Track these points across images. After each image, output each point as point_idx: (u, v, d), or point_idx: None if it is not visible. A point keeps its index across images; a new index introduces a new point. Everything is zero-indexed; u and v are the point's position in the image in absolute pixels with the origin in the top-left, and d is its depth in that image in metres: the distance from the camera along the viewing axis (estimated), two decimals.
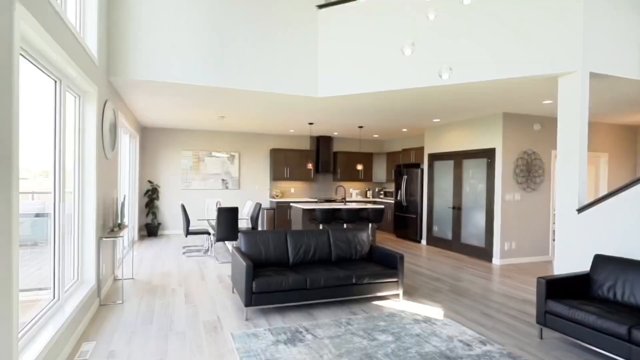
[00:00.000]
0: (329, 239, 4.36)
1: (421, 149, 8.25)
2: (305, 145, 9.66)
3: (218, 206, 6.21)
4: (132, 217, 6.96)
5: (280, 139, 9.45)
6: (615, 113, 6.23)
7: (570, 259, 3.75)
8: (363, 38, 4.66)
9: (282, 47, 4.78)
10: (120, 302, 3.88)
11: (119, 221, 4.37)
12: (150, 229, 7.97)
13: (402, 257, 4.00)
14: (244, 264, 3.43)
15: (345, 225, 6.65)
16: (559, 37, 3.73)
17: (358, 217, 6.61)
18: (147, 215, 8.07)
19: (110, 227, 4.32)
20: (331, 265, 4.10)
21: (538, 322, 3.17)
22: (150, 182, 8.25)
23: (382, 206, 7.03)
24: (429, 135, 7.78)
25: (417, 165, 8.09)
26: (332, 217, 6.41)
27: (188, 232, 6.04)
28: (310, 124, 7.47)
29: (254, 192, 9.19)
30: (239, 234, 4.09)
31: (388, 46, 4.49)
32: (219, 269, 5.36)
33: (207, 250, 6.45)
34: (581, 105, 3.71)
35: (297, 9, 4.87)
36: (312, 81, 4.92)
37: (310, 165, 7.69)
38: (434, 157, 7.63)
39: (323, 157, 9.39)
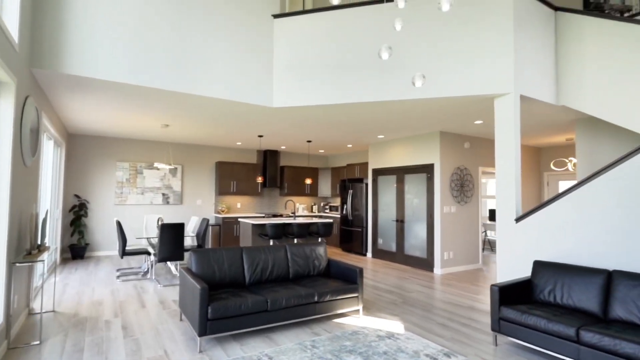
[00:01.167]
0: (286, 254, 4.03)
1: (365, 164, 8.32)
2: (252, 159, 9.21)
3: (160, 223, 5.49)
4: (53, 237, 5.87)
5: (227, 151, 8.87)
6: (527, 135, 6.88)
7: (511, 265, 3.88)
8: (317, 50, 4.52)
9: (238, 54, 4.44)
10: (38, 342, 3.06)
11: (39, 242, 3.56)
12: (76, 251, 6.80)
13: (361, 271, 3.81)
14: (198, 286, 2.95)
15: (295, 240, 6.34)
16: (495, 62, 3.97)
17: (308, 231, 6.36)
18: (73, 234, 6.91)
19: (27, 249, 3.49)
20: (290, 283, 3.76)
21: (493, 330, 3.16)
22: (77, 196, 7.11)
23: (331, 220, 6.87)
24: (373, 151, 7.89)
25: (361, 180, 8.12)
26: (282, 232, 6.06)
27: (124, 253, 5.20)
28: (260, 136, 7.10)
29: (197, 208, 8.42)
30: (190, 253, 3.57)
31: (341, 59, 4.41)
32: (161, 293, 4.63)
33: (147, 272, 5.64)
34: (514, 123, 3.95)
35: (254, 15, 4.60)
36: (267, 90, 4.63)
37: (260, 179, 7.27)
38: (377, 172, 7.71)
39: (270, 171, 9.02)
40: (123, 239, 5.23)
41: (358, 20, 4.40)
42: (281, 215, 8.65)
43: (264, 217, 8.22)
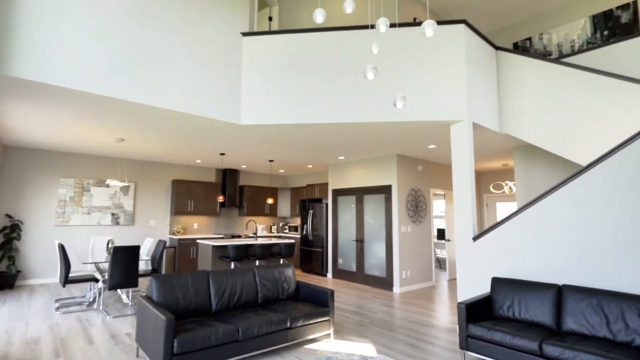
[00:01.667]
0: (254, 278, 3.78)
1: (325, 184, 8.32)
2: (211, 178, 8.76)
3: (111, 245, 4.92)
4: None
5: (185, 169, 8.33)
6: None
7: (471, 282, 4.00)
8: (284, 70, 4.47)
9: (206, 69, 4.24)
10: None
11: None
12: (5, 280, 5.82)
13: (332, 293, 3.69)
14: (162, 317, 2.62)
15: (257, 262, 6.05)
16: (451, 92, 4.21)
17: (270, 252, 6.11)
18: (1, 260, 5.95)
19: None
20: (260, 309, 3.51)
21: (461, 348, 3.19)
22: (9, 216, 6.18)
23: (293, 241, 6.69)
24: (333, 171, 7.92)
25: (321, 200, 8.08)
26: (244, 253, 5.75)
27: (67, 281, 4.55)
28: (222, 154, 6.80)
29: (150, 229, 7.71)
30: (150, 280, 3.20)
31: (309, 81, 4.40)
32: (111, 326, 4.06)
33: (93, 301, 4.97)
34: (469, 148, 4.17)
35: (223, 32, 4.47)
36: (234, 107, 4.46)
37: (221, 198, 6.89)
38: (337, 193, 7.73)
39: (229, 191, 8.64)
40: (66, 265, 4.58)
41: (325, 43, 4.45)
42: (240, 236, 8.27)
43: (222, 238, 7.78)
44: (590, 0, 6.25)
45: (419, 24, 4.33)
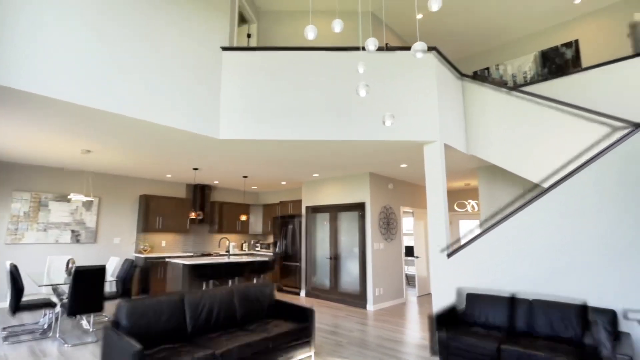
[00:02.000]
0: (232, 297, 3.58)
1: (299, 201, 8.22)
2: (182, 193, 8.36)
3: (72, 265, 4.48)
4: None
5: (154, 184, 7.86)
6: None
7: (445, 296, 4.03)
8: (265, 86, 4.41)
9: (185, 81, 4.07)
10: None
11: None
12: None
13: (312, 312, 3.57)
14: (130, 347, 2.37)
15: (230, 281, 5.77)
16: (425, 114, 4.35)
17: (245, 270, 5.86)
18: None
19: None
20: (239, 329, 3.31)
21: (433, 354, 3.18)
22: None
23: (267, 258, 6.48)
24: (307, 188, 7.86)
25: (295, 218, 7.96)
26: (218, 272, 5.47)
27: (18, 307, 4.04)
28: (196, 169, 6.51)
29: (114, 247, 7.14)
30: (118, 304, 2.91)
31: (289, 97, 4.37)
32: (70, 356, 3.62)
33: (48, 329, 4.45)
34: (441, 167, 4.30)
35: (203, 45, 4.35)
36: (213, 121, 4.30)
37: (194, 215, 6.56)
38: (312, 210, 7.66)
39: (200, 207, 8.28)
40: (17, 289, 4.08)
41: (303, 62, 4.46)
42: (210, 254, 7.89)
43: (192, 256, 7.38)
44: (539, 37, 6.83)
45: (392, 48, 4.51)
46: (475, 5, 6.00)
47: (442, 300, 4.04)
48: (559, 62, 6.69)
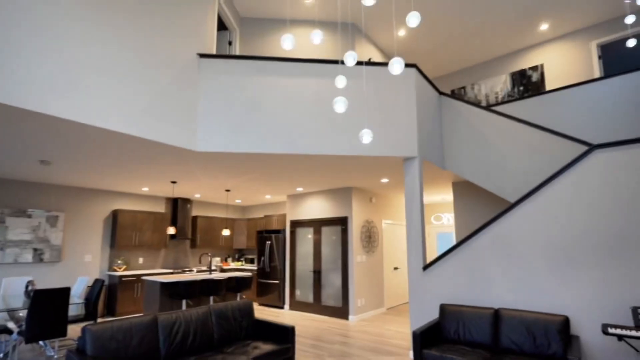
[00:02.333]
0: (210, 317, 3.39)
1: (283, 215, 8.09)
2: (160, 207, 8.04)
3: (31, 288, 4.13)
4: None
5: (129, 198, 7.49)
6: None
7: (422, 308, 3.99)
8: (245, 97, 4.24)
9: (161, 89, 3.77)
10: None
11: None
12: None
13: (293, 330, 3.43)
14: None
15: (212, 299, 5.52)
16: (405, 130, 4.35)
17: (226, 287, 5.64)
18: None
19: None
20: (216, 353, 3.12)
21: None
22: None
23: (250, 274, 6.28)
24: (291, 203, 7.75)
25: (279, 232, 7.81)
26: (198, 290, 5.22)
27: None
28: (173, 182, 6.27)
29: (84, 265, 6.66)
30: (83, 330, 2.69)
31: (268, 109, 4.24)
32: None
33: (5, 358, 4.07)
34: (419, 183, 4.30)
35: (180, 51, 4.06)
36: (191, 132, 4.06)
37: (172, 230, 6.29)
38: (295, 224, 7.54)
39: (180, 222, 7.98)
40: None
41: (286, 74, 4.34)
42: (191, 271, 7.58)
43: (172, 273, 7.06)
44: (509, 61, 7.14)
45: (373, 63, 4.54)
46: (452, 26, 6.21)
47: (420, 312, 3.99)
48: (527, 83, 6.99)
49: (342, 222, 6.67)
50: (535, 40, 6.73)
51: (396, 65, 2.18)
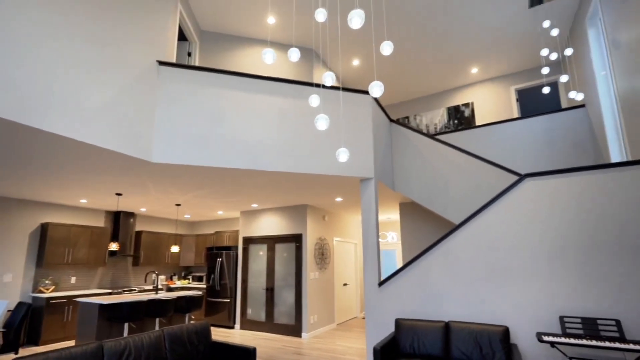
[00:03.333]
0: (162, 341, 3.05)
1: (235, 232, 7.73)
2: (99, 221, 7.17)
3: None
4: None
5: (62, 210, 6.55)
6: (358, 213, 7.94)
7: (378, 323, 4.03)
8: (204, 109, 4.02)
9: (114, 94, 3.39)
10: None
11: None
12: None
13: (254, 351, 3.23)
14: None
15: (157, 321, 4.98)
16: (364, 154, 4.50)
17: (175, 307, 5.14)
18: None
19: None
20: None
21: None
22: None
23: (200, 292, 5.83)
24: (245, 219, 7.46)
25: (230, 248, 7.43)
26: (144, 311, 4.68)
27: None
28: (119, 194, 5.66)
29: (2, 287, 5.62)
30: None
31: (228, 123, 4.07)
32: None
33: None
34: (375, 203, 4.44)
35: (137, 56, 3.70)
36: (146, 142, 3.69)
37: (115, 246, 5.60)
38: (248, 241, 7.24)
39: (122, 237, 7.18)
40: None
41: (246, 88, 4.23)
42: (133, 290, 6.81)
43: (110, 293, 6.26)
44: (446, 96, 7.88)
45: (336, 88, 4.68)
46: (399, 63, 6.69)
47: (376, 327, 4.03)
48: (460, 117, 7.74)
49: (296, 239, 6.58)
50: (468, 81, 7.53)
51: (376, 89, 2.26)
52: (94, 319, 4.60)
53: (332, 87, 4.65)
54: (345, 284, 7.90)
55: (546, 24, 4.48)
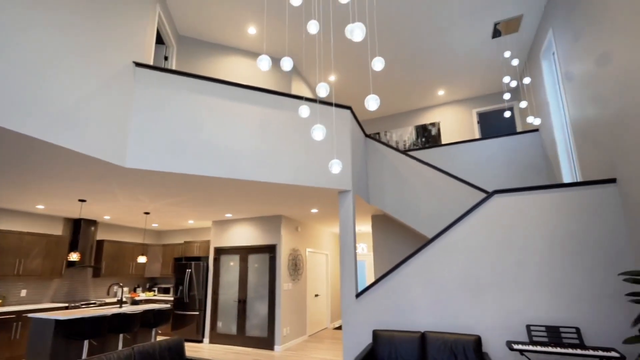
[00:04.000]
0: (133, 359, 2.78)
1: (206, 242, 7.39)
2: (56, 229, 6.53)
3: None
4: None
5: (13, 216, 5.87)
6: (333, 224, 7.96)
7: (356, 333, 3.98)
8: (181, 114, 3.83)
9: (93, 95, 3.15)
10: None
11: None
12: None
13: None
14: None
15: (121, 337, 4.56)
16: (343, 166, 4.51)
17: (141, 322, 4.75)
18: None
19: None
20: None
21: None
22: None
23: (168, 305, 5.45)
24: (217, 229, 7.17)
25: (200, 259, 7.08)
26: (107, 327, 4.27)
27: None
28: (82, 201, 5.18)
29: None
30: None
31: (205, 130, 3.92)
32: None
33: None
34: (352, 215, 4.46)
35: (117, 57, 3.48)
36: (121, 146, 3.44)
37: (76, 256, 5.09)
38: (220, 251, 6.95)
39: (82, 246, 6.58)
40: None
41: (225, 95, 4.10)
42: (93, 304, 6.22)
43: (66, 307, 5.66)
44: (415, 115, 8.21)
45: (324, 102, 4.69)
46: (372, 81, 6.89)
47: (353, 338, 3.98)
48: (428, 136, 8.09)
49: (270, 250, 6.42)
50: (435, 102, 7.91)
51: (372, 102, 2.28)
52: (49, 337, 4.10)
53: (311, 99, 4.64)
54: (316, 295, 7.80)
55: (507, 54, 4.85)
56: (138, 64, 3.77)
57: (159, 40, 5.47)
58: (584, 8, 3.51)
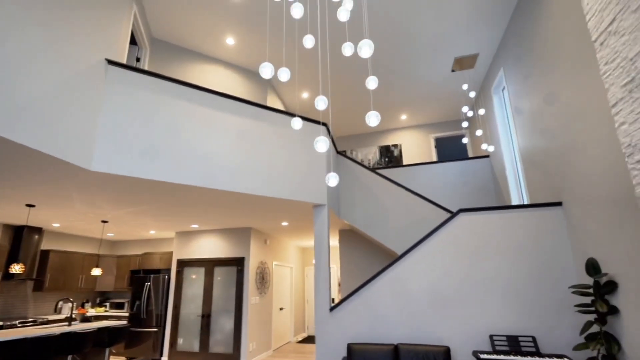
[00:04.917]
0: None
1: (168, 254, 6.84)
2: None
3: None
4: None
5: None
6: (301, 238, 7.89)
7: (329, 347, 3.88)
8: (153, 119, 3.57)
9: (58, 91, 2.82)
10: None
11: None
12: None
13: None
14: None
15: (70, 358, 3.96)
16: (318, 181, 4.50)
17: (94, 341, 4.18)
18: None
19: None
20: None
21: None
22: None
23: (125, 322, 4.88)
24: (180, 240, 6.68)
25: (160, 272, 6.52)
26: (54, 348, 3.68)
27: None
28: (30, 206, 4.52)
29: None
30: None
31: (179, 137, 3.69)
32: None
33: None
34: (326, 228, 4.43)
35: (89, 54, 3.18)
36: (87, 148, 3.11)
37: (19, 268, 4.37)
38: (184, 264, 6.46)
39: (22, 257, 5.72)
40: None
41: (201, 102, 3.92)
42: (33, 322, 5.36)
43: (1, 327, 4.81)
44: (379, 136, 8.52)
45: (291, 114, 4.63)
46: (340, 102, 7.06)
47: (326, 352, 3.87)
48: (390, 156, 8.41)
49: (238, 263, 6.12)
50: (398, 125, 8.28)
51: (373, 118, 2.29)
52: None
53: (285, 113, 4.58)
54: (281, 309, 7.54)
55: (465, 86, 5.28)
56: (111, 62, 3.48)
57: (132, 41, 5.12)
58: (533, 51, 3.95)
